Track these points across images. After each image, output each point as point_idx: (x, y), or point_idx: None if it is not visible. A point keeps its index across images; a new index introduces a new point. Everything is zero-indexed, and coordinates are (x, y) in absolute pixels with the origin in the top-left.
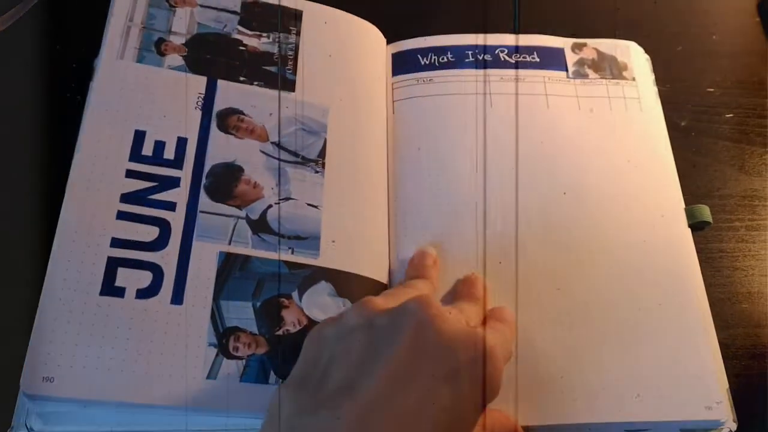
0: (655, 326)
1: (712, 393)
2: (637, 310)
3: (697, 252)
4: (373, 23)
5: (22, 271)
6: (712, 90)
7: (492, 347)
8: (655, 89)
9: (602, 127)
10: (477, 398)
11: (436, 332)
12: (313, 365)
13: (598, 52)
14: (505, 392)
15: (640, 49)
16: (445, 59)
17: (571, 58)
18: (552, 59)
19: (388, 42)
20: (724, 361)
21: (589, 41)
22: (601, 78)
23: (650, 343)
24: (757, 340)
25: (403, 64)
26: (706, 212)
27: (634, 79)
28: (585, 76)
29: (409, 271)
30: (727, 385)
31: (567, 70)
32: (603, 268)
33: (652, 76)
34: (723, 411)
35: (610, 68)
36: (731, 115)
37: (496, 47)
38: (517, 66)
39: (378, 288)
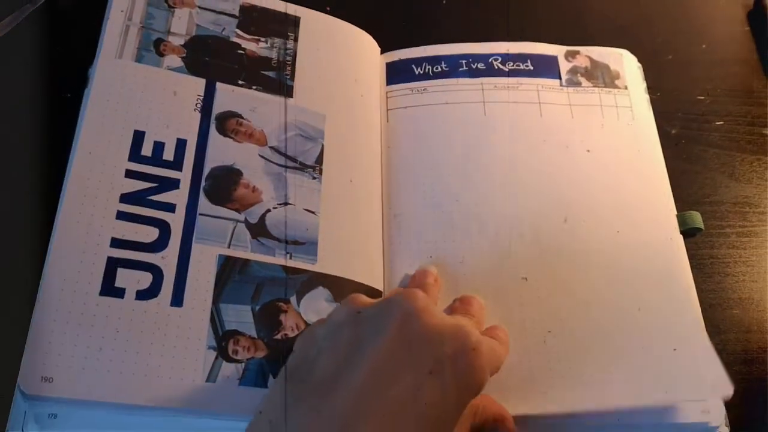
0: (650, 329)
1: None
2: (636, 311)
3: (689, 258)
4: (368, 32)
5: (21, 268)
6: (702, 98)
7: (478, 342)
8: (646, 97)
9: (595, 135)
10: (461, 393)
11: (422, 324)
12: (302, 360)
13: (591, 60)
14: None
15: (633, 57)
16: (439, 69)
17: (564, 66)
18: (545, 67)
19: (383, 51)
20: None
21: (582, 49)
22: (593, 86)
23: (646, 345)
24: (748, 346)
25: (397, 73)
26: (697, 219)
27: (626, 88)
28: (578, 84)
29: (409, 287)
30: None
31: (560, 78)
32: (598, 272)
33: (644, 84)
34: (718, 414)
35: (603, 77)
36: (721, 122)
37: (490, 55)
38: (509, 74)
39: (373, 295)
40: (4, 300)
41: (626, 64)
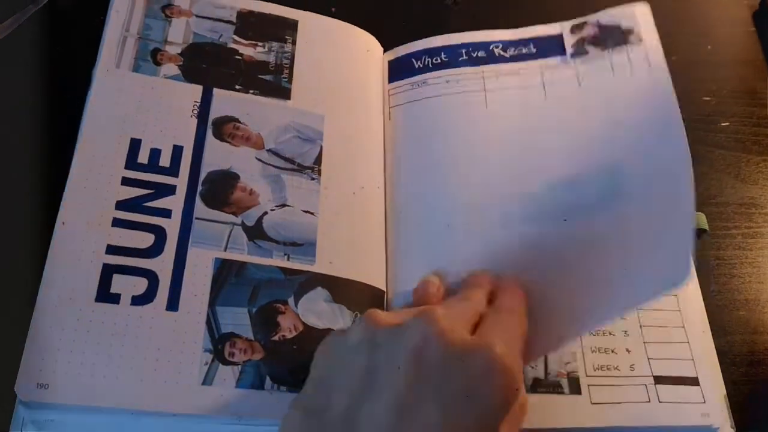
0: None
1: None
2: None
3: (694, 259)
4: (371, 33)
5: (19, 275)
6: (708, 99)
7: (502, 356)
8: (660, 49)
9: (603, 100)
10: (497, 408)
11: (441, 348)
12: (317, 385)
13: (600, 26)
14: None
15: (647, 9)
16: (439, 60)
17: (569, 40)
18: (550, 47)
19: (386, 50)
20: (721, 368)
21: (590, 17)
22: (602, 50)
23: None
24: (755, 347)
25: (398, 70)
26: (702, 220)
27: (641, 41)
28: (585, 53)
29: (414, 301)
30: (724, 392)
31: (565, 54)
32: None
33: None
34: (720, 417)
35: (613, 38)
36: (727, 123)
37: (491, 43)
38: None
39: (375, 294)
40: (4, 304)
41: (639, 16)
